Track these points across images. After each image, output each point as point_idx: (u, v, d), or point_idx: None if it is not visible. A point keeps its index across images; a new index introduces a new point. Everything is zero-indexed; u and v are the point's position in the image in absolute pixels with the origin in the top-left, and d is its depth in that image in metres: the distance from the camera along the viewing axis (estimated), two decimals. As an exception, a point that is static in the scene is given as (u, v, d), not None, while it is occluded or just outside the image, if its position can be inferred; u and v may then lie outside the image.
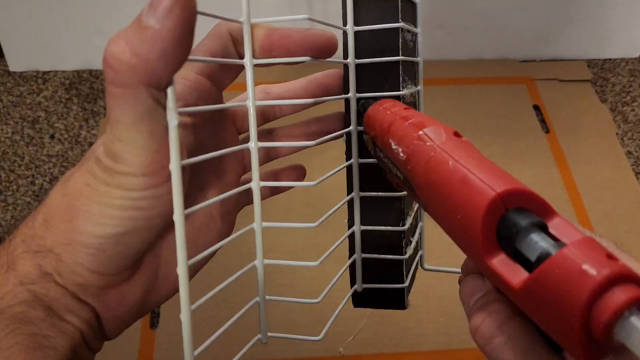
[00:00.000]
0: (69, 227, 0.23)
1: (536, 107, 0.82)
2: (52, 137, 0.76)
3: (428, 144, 0.21)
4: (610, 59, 0.90)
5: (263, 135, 0.31)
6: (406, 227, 0.34)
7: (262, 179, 0.28)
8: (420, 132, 0.21)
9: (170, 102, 0.21)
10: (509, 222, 0.17)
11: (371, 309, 0.45)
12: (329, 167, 0.28)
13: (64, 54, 0.83)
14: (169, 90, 0.21)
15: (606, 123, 0.81)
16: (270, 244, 0.62)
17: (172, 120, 0.20)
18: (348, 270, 0.36)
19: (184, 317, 0.23)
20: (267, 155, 0.31)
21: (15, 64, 0.83)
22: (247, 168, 0.30)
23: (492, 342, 0.19)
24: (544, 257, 0.15)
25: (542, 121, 0.81)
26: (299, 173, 0.32)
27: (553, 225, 0.17)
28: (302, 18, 0.26)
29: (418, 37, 0.33)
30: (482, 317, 0.20)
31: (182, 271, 0.22)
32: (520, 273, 0.16)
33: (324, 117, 0.31)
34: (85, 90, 0.81)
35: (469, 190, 0.18)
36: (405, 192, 0.33)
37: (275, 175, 0.32)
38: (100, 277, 0.23)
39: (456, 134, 0.21)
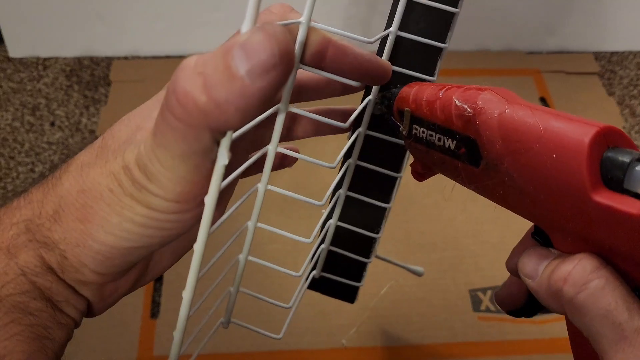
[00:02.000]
0: (81, 228, 0.22)
1: (543, 100, 0.81)
2: (52, 124, 0.75)
3: (498, 98, 0.20)
4: (617, 52, 0.89)
5: (285, 118, 0.31)
6: (379, 235, 0.34)
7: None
8: (488, 90, 0.21)
9: (227, 142, 0.19)
10: (612, 157, 0.16)
11: (373, 304, 0.46)
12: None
13: (64, 40, 0.82)
14: (229, 131, 0.19)
15: (613, 116, 0.80)
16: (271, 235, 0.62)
17: (223, 159, 0.19)
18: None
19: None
20: (284, 136, 0.31)
21: (15, 50, 0.82)
22: (257, 144, 0.29)
23: (587, 288, 0.18)
24: None
25: (549, 114, 0.80)
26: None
27: None
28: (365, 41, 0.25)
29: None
30: (574, 263, 0.18)
31: (187, 294, 0.22)
32: (635, 203, 0.16)
33: (334, 110, 0.31)
34: (86, 78, 0.80)
35: (566, 128, 0.17)
36: (389, 205, 0.33)
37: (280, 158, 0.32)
38: (101, 277, 0.23)
39: None
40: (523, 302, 0.25)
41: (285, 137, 0.31)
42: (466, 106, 0.21)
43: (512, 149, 0.19)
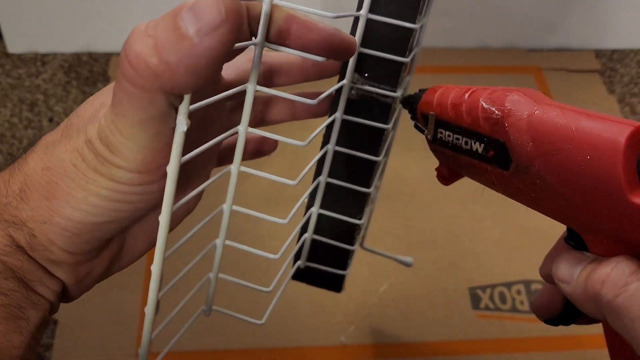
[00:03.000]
0: (47, 205, 0.22)
1: (543, 97, 0.81)
2: (50, 120, 0.75)
3: (526, 100, 0.20)
4: (618, 50, 0.89)
5: (259, 102, 0.30)
6: (362, 221, 0.34)
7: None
8: (515, 92, 0.20)
9: (184, 107, 0.19)
10: None
11: (372, 301, 0.45)
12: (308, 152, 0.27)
13: (63, 36, 0.82)
14: (186, 96, 0.19)
15: (613, 114, 0.80)
16: (272, 232, 0.62)
17: (182, 125, 0.19)
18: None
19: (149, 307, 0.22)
20: (259, 121, 0.31)
21: (13, 46, 0.82)
22: (233, 126, 0.29)
23: (627, 290, 0.17)
24: None
25: (549, 111, 0.80)
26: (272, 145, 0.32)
27: None
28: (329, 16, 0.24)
29: (424, 28, 0.32)
30: (612, 266, 0.18)
31: (156, 268, 0.22)
32: None
33: (307, 94, 0.30)
34: (84, 74, 0.80)
35: (600, 128, 0.17)
36: (369, 190, 0.33)
37: (257, 143, 0.31)
38: (72, 256, 0.23)
39: None
40: (559, 310, 0.25)
41: (260, 121, 0.31)
42: (494, 108, 0.21)
43: (543, 151, 0.19)
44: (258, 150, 0.32)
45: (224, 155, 0.30)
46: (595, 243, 0.20)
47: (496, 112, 0.21)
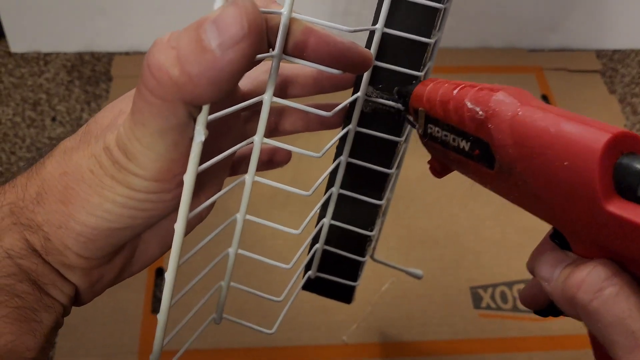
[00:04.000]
0: (63, 210, 0.22)
1: (545, 97, 0.81)
2: (53, 119, 0.75)
3: (510, 100, 0.20)
4: (620, 50, 0.89)
5: (273, 113, 0.30)
6: (373, 233, 0.35)
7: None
8: (501, 91, 0.20)
9: (203, 118, 0.19)
10: (626, 164, 0.16)
11: (374, 300, 0.46)
12: (321, 165, 0.28)
13: (66, 35, 0.82)
14: (205, 106, 0.19)
15: (615, 114, 0.80)
16: (274, 231, 0.62)
17: (200, 135, 0.20)
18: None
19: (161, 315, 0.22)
20: (272, 131, 0.31)
21: (16, 45, 0.82)
22: (247, 136, 0.29)
23: (602, 295, 0.18)
24: None
25: (550, 111, 0.80)
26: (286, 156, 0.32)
27: None
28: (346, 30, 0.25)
29: (438, 42, 0.32)
30: (588, 270, 0.18)
31: (170, 276, 0.22)
32: None
33: (321, 105, 0.31)
34: (87, 73, 0.80)
35: (578, 134, 0.17)
36: (381, 202, 0.33)
37: (270, 154, 0.32)
38: (86, 260, 0.23)
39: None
40: (547, 303, 0.25)
41: (274, 131, 0.31)
42: (478, 109, 0.21)
43: (524, 154, 0.19)
44: (270, 160, 0.32)
45: (236, 164, 0.30)
46: (577, 244, 0.20)
47: (480, 112, 0.21)
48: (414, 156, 0.32)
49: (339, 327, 0.57)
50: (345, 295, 0.38)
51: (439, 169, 0.28)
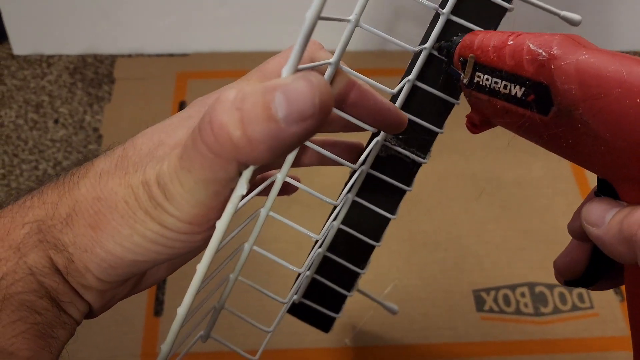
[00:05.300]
0: (92, 235, 0.22)
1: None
2: (56, 121, 0.75)
3: (573, 42, 0.20)
4: (621, 51, 0.89)
5: None
6: (364, 271, 0.35)
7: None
8: (566, 36, 0.21)
9: (248, 174, 0.20)
10: None
11: (376, 303, 0.46)
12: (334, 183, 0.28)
13: (68, 37, 0.82)
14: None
15: (617, 117, 0.80)
16: (276, 234, 0.62)
17: (242, 189, 0.20)
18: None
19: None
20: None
21: (19, 48, 0.82)
22: (264, 169, 0.30)
23: None
24: None
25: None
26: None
27: None
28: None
29: None
30: None
31: (183, 310, 0.22)
32: None
33: (341, 143, 0.31)
34: (89, 75, 0.80)
35: None
36: (378, 244, 0.33)
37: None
38: (104, 284, 0.24)
39: None
40: (583, 270, 0.25)
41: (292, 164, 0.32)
42: (541, 50, 0.21)
43: (590, 94, 0.19)
44: (282, 190, 0.32)
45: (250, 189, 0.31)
46: (630, 192, 0.20)
47: (543, 54, 0.21)
48: (416, 159, 0.32)
49: (341, 330, 0.57)
50: (324, 324, 0.39)
51: (479, 122, 0.27)
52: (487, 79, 0.24)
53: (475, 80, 0.25)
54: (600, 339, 0.57)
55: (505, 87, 0.23)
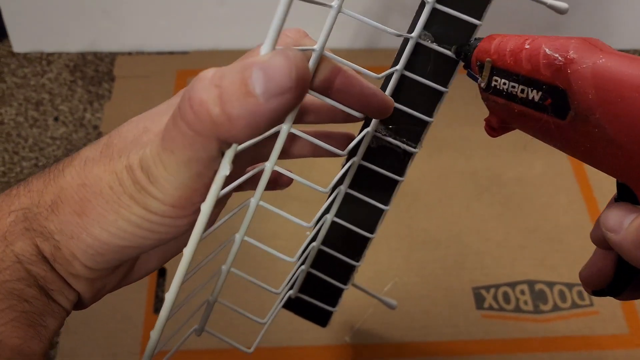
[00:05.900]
0: (77, 221, 0.22)
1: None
2: (56, 119, 0.75)
3: (590, 47, 0.20)
4: (621, 50, 0.89)
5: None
6: (360, 263, 0.35)
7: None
8: (583, 40, 0.21)
9: (230, 154, 0.20)
10: None
11: (376, 301, 0.46)
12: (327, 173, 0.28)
13: (68, 35, 0.82)
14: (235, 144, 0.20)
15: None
16: (275, 230, 0.62)
17: (225, 170, 0.20)
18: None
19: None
20: (281, 154, 0.32)
21: (19, 45, 0.82)
22: (255, 160, 0.30)
23: None
24: None
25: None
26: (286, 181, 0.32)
27: None
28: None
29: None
30: None
31: (171, 296, 0.22)
32: None
33: (332, 134, 0.31)
34: (90, 73, 0.80)
35: None
36: (372, 235, 0.33)
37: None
38: (91, 271, 0.24)
39: None
40: (609, 279, 0.24)
41: (282, 155, 0.32)
42: (557, 55, 0.21)
43: (606, 99, 0.19)
44: (275, 182, 0.32)
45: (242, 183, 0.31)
46: None
47: (559, 58, 0.21)
48: (416, 156, 0.32)
49: (341, 327, 0.57)
50: (321, 318, 0.39)
51: (497, 126, 0.27)
52: (505, 83, 0.24)
53: (492, 84, 0.25)
54: (599, 337, 0.57)
55: (522, 91, 0.23)
